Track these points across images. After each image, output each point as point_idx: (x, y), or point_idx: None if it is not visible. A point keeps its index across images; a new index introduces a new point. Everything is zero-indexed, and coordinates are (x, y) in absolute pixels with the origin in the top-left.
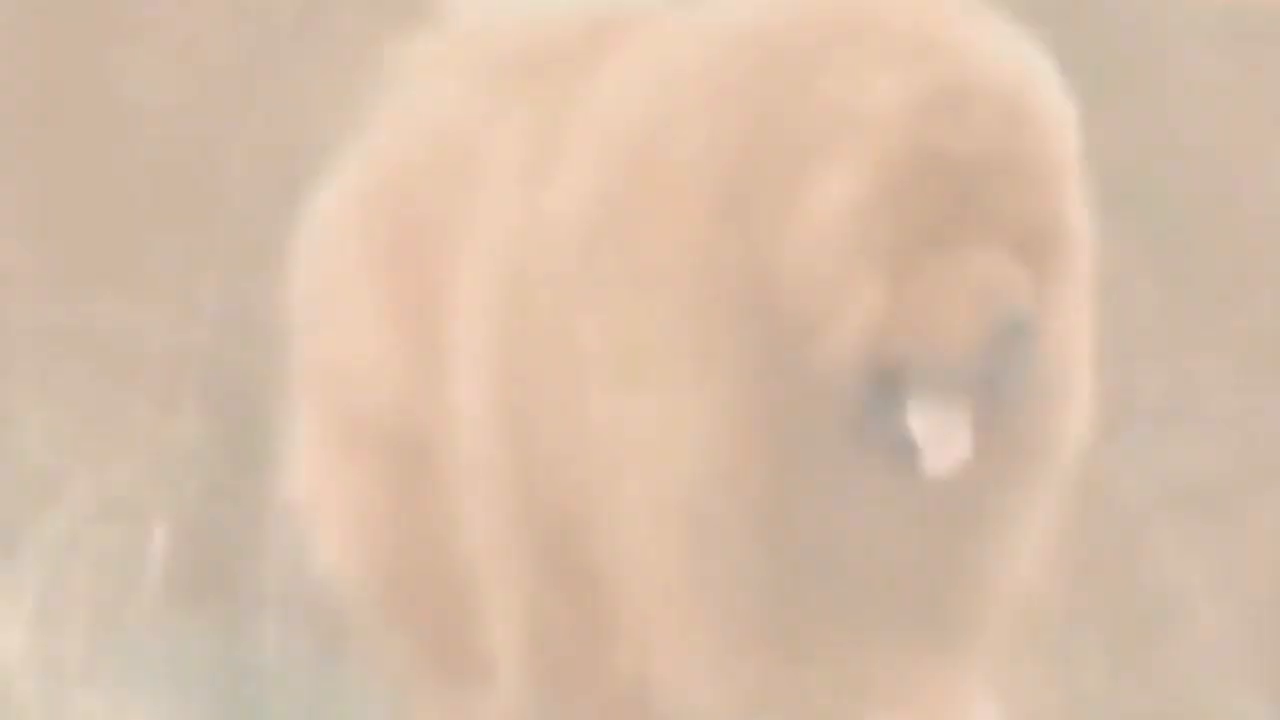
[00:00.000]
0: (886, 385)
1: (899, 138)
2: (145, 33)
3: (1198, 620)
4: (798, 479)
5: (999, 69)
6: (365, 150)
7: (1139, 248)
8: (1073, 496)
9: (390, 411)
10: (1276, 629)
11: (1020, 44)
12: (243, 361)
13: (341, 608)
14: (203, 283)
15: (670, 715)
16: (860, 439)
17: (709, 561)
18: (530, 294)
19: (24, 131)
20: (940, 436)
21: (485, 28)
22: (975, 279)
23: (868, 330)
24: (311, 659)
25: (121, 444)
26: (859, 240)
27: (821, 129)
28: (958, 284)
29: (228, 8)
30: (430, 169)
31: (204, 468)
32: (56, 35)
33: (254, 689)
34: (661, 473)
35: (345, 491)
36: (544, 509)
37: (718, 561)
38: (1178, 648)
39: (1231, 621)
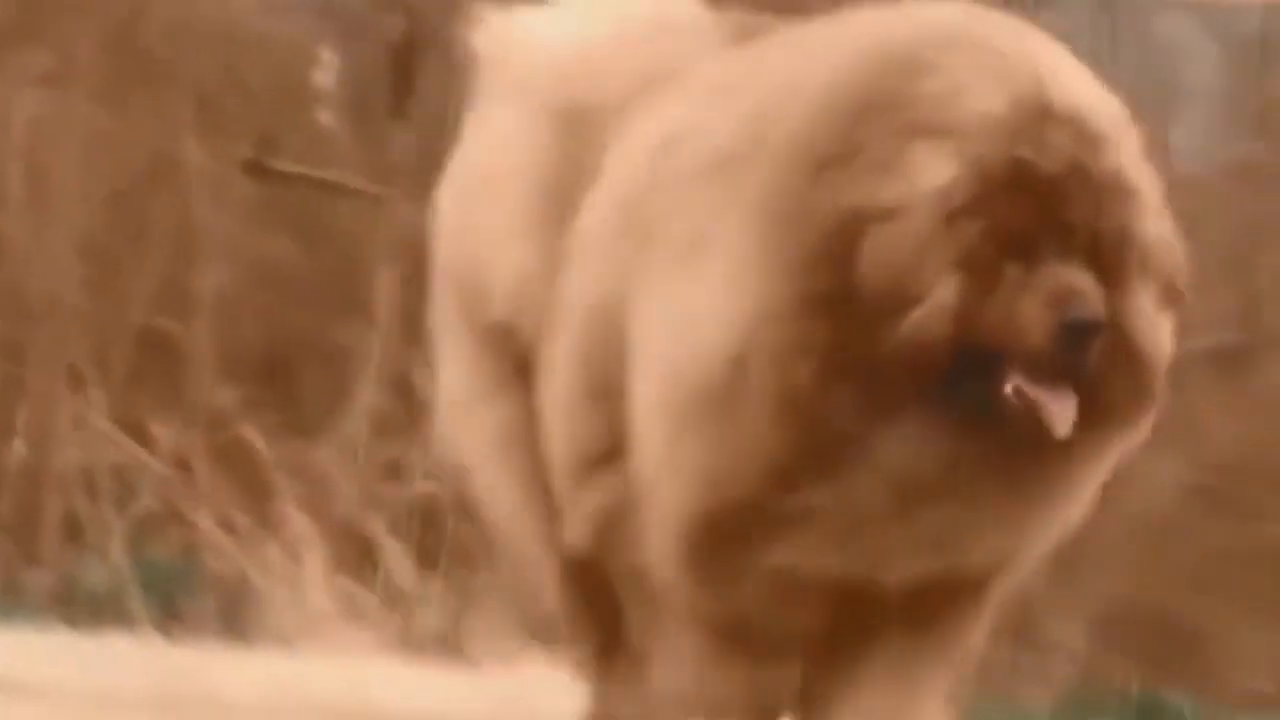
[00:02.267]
0: (977, 362)
1: (990, 151)
2: None
3: None
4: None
5: (1076, 94)
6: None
7: None
8: None
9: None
10: None
11: (1088, 73)
12: None
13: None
14: None
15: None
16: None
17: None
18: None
19: None
20: (1058, 407)
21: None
22: (1050, 287)
23: (948, 321)
24: None
25: None
26: (943, 240)
27: (920, 121)
28: (1034, 290)
29: None
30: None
31: None
32: None
33: None
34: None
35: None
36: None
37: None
38: None
39: None
